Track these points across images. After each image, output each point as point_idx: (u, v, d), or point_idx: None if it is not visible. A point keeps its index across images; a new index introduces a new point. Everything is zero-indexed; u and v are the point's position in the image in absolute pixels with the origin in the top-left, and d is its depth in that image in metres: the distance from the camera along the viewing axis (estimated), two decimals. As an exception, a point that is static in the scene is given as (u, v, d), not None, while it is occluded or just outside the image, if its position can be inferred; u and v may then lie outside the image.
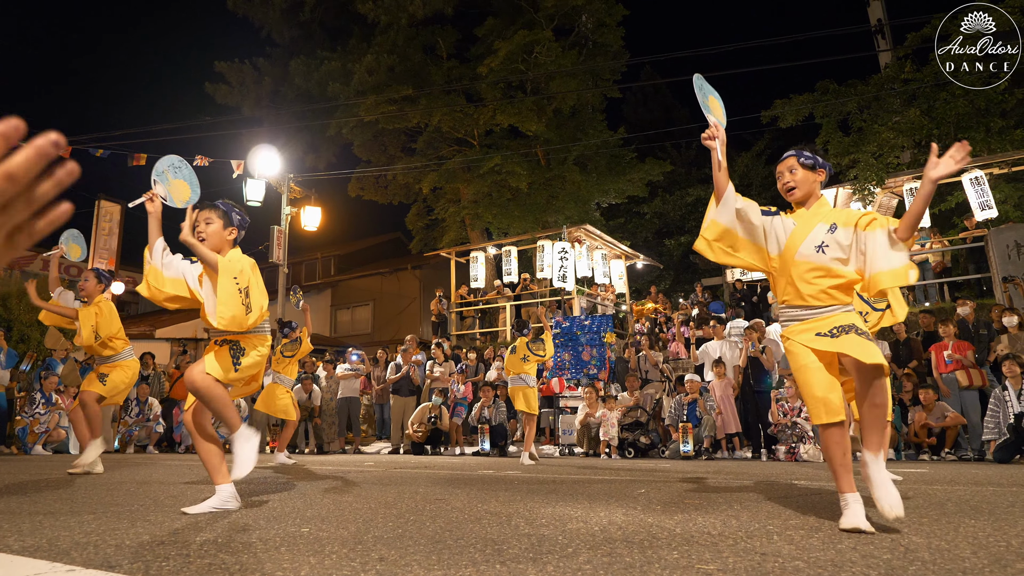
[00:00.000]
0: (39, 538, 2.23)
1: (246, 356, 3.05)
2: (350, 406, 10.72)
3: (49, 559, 1.89)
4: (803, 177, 2.71)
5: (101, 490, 3.88)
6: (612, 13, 17.50)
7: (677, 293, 19.92)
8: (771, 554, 1.93)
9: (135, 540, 2.19)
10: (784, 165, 2.78)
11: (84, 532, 2.34)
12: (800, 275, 2.62)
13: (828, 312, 2.58)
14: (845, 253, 2.55)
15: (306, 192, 15.41)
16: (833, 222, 2.60)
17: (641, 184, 19.40)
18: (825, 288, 2.57)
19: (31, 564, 1.83)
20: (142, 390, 10.88)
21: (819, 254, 2.58)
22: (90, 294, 5.10)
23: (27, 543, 2.14)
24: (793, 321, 2.67)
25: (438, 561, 1.86)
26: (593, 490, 3.91)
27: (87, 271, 5.25)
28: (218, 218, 3.09)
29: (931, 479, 4.56)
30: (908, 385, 7.79)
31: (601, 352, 10.36)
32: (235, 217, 3.16)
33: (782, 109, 14.42)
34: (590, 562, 1.84)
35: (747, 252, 2.76)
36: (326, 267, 25.69)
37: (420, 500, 3.34)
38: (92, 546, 2.08)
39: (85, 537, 2.24)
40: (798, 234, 2.64)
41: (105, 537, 2.24)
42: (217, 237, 3.06)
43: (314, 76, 18.14)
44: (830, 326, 2.53)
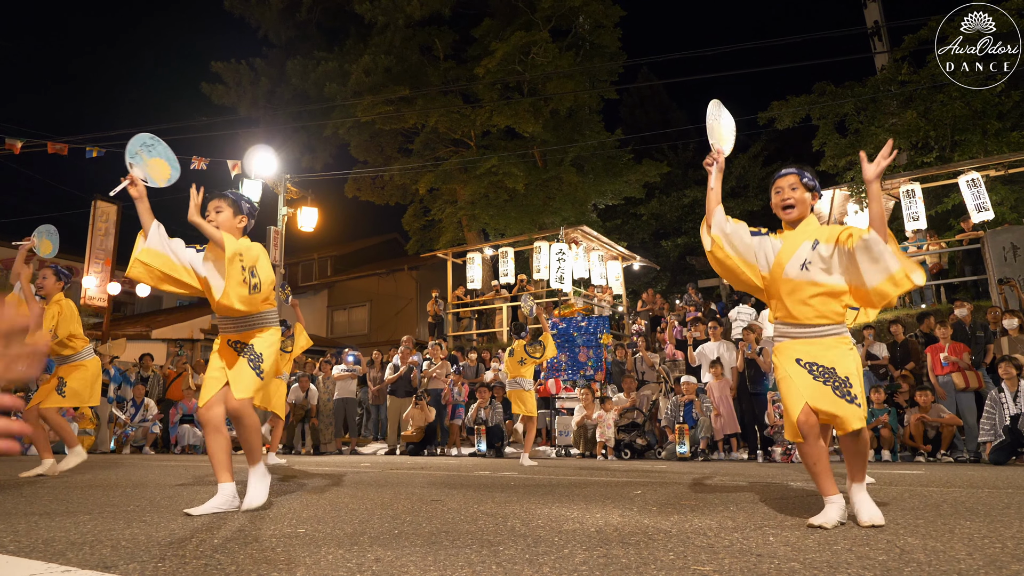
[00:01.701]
0: (35, 538, 2.22)
1: (264, 361, 3.08)
2: (346, 407, 10.71)
3: (45, 559, 1.88)
4: (802, 197, 2.74)
5: (97, 491, 3.86)
6: (609, 14, 17.52)
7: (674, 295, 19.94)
8: (767, 555, 1.94)
9: (131, 541, 2.18)
10: (785, 181, 2.78)
11: (80, 532, 2.33)
12: (788, 294, 2.66)
13: (819, 332, 2.62)
14: (827, 264, 2.58)
15: (302, 193, 15.37)
16: (816, 239, 2.63)
17: (638, 185, 19.43)
18: (814, 305, 2.61)
19: (27, 564, 1.82)
20: (138, 391, 10.85)
21: (803, 271, 2.62)
22: (48, 292, 4.92)
23: (23, 543, 2.13)
24: (785, 338, 2.71)
25: (434, 562, 1.85)
26: (589, 491, 3.91)
27: (45, 268, 5.05)
28: (228, 206, 3.14)
29: (927, 481, 4.57)
30: (905, 387, 7.80)
31: (597, 353, 10.36)
32: (244, 206, 3.20)
33: (779, 111, 14.47)
34: (586, 563, 1.84)
35: (742, 272, 2.80)
36: (323, 268, 25.65)
37: (416, 501, 3.34)
38: (88, 546, 2.08)
39: (81, 537, 2.23)
40: (784, 254, 2.68)
41: (101, 537, 2.23)
42: (227, 225, 3.10)
43: (311, 77, 18.12)
44: (813, 359, 2.58)
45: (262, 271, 3.02)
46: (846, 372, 2.53)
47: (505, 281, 15.13)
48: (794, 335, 2.66)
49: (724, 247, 2.77)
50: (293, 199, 14.98)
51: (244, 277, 2.92)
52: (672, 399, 8.48)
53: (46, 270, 5.04)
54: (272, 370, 3.19)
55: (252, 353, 3.07)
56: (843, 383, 2.51)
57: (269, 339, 3.15)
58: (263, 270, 3.03)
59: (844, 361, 2.56)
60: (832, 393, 2.51)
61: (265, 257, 3.11)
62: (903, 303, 11.22)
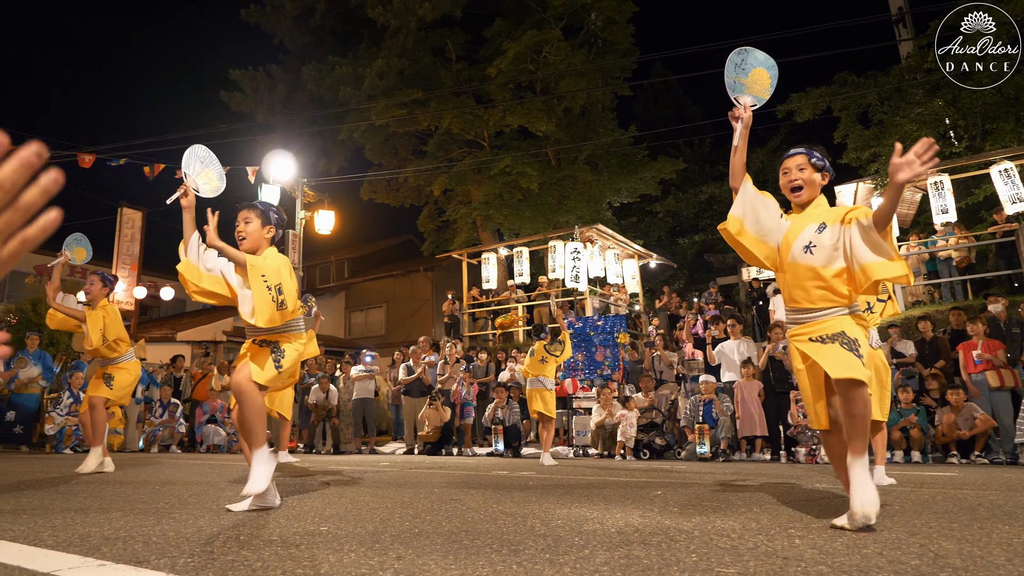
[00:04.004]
0: (71, 533, 2.28)
1: (286, 357, 3.13)
2: (365, 407, 10.79)
3: (81, 554, 1.94)
4: (810, 178, 2.65)
5: (128, 488, 3.94)
6: (621, 10, 17.44)
7: (692, 292, 19.79)
8: (793, 558, 1.91)
9: (161, 537, 2.22)
10: (792, 162, 2.69)
11: (113, 528, 2.39)
12: (794, 277, 2.59)
13: (823, 315, 2.52)
14: (831, 252, 2.49)
15: (319, 196, 15.51)
16: (823, 221, 2.54)
17: (653, 183, 19.30)
18: (815, 290, 2.52)
19: (64, 559, 1.88)
20: (165, 391, 11.04)
21: (807, 255, 2.53)
22: (95, 298, 5.16)
23: (60, 538, 2.19)
24: (794, 324, 2.64)
25: (455, 560, 1.86)
26: (609, 491, 3.89)
27: (92, 275, 5.29)
28: (256, 217, 3.21)
29: (960, 483, 4.46)
30: (934, 385, 7.54)
31: (615, 353, 10.31)
32: (273, 216, 3.27)
33: (799, 103, 14.21)
34: (607, 563, 1.83)
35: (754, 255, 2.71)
36: (340, 270, 25.86)
37: (436, 500, 3.35)
38: (121, 542, 2.13)
39: (114, 533, 2.29)
40: (790, 235, 2.60)
41: (133, 533, 2.28)
42: (256, 235, 3.19)
43: (326, 81, 18.28)
44: (821, 332, 2.49)
45: (287, 287, 3.07)
46: (855, 335, 2.43)
47: (520, 281, 15.13)
48: (801, 320, 2.59)
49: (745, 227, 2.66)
50: (310, 203, 15.12)
51: (272, 296, 3.00)
52: (691, 399, 8.40)
53: (93, 276, 5.26)
54: (291, 370, 3.22)
55: (277, 348, 3.15)
56: (851, 342, 2.41)
57: (295, 344, 3.23)
58: (287, 285, 3.07)
59: (853, 329, 2.45)
60: (838, 347, 2.40)
61: (288, 269, 3.15)
62: (931, 299, 10.95)
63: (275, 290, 3.00)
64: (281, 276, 3.07)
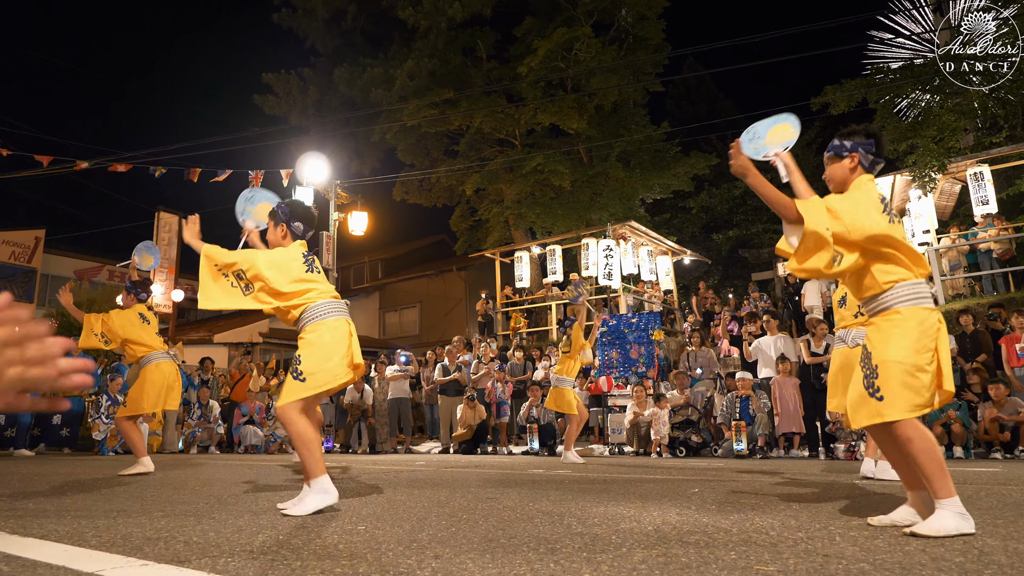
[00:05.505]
0: (114, 534, 2.35)
1: (302, 362, 2.98)
2: (400, 406, 10.90)
3: (124, 554, 1.99)
4: (831, 172, 2.65)
5: (168, 489, 4.06)
6: (652, 5, 17.24)
7: (727, 288, 19.47)
8: (834, 556, 1.87)
9: (202, 537, 2.28)
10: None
11: (155, 529, 2.46)
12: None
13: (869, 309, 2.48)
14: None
15: (352, 198, 15.71)
16: None
17: (686, 178, 19.04)
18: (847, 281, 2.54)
19: (108, 559, 1.93)
20: (203, 393, 11.32)
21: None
22: (126, 305, 5.45)
23: (103, 539, 2.26)
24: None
25: (492, 559, 1.87)
26: (645, 489, 3.86)
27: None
28: (269, 219, 3.39)
29: (1005, 479, 4.32)
30: (975, 379, 7.40)
31: (649, 350, 10.22)
32: (279, 214, 3.33)
33: (833, 95, 13.86)
34: (645, 562, 1.81)
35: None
36: (373, 271, 26.18)
37: (472, 499, 3.37)
38: (163, 542, 2.19)
39: (156, 534, 2.35)
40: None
41: (174, 534, 2.34)
42: (272, 236, 3.35)
43: (357, 83, 18.50)
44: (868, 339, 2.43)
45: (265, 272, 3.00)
46: (880, 358, 2.29)
47: (554, 279, 15.10)
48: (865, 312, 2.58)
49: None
50: (343, 204, 15.34)
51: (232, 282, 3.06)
52: (728, 395, 8.28)
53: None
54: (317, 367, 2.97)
55: (294, 357, 3.07)
56: (871, 372, 2.30)
57: (308, 337, 3.05)
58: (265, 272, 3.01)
59: (884, 344, 2.30)
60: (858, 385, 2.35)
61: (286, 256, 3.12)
62: (972, 292, 10.62)
63: (233, 276, 3.06)
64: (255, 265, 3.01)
